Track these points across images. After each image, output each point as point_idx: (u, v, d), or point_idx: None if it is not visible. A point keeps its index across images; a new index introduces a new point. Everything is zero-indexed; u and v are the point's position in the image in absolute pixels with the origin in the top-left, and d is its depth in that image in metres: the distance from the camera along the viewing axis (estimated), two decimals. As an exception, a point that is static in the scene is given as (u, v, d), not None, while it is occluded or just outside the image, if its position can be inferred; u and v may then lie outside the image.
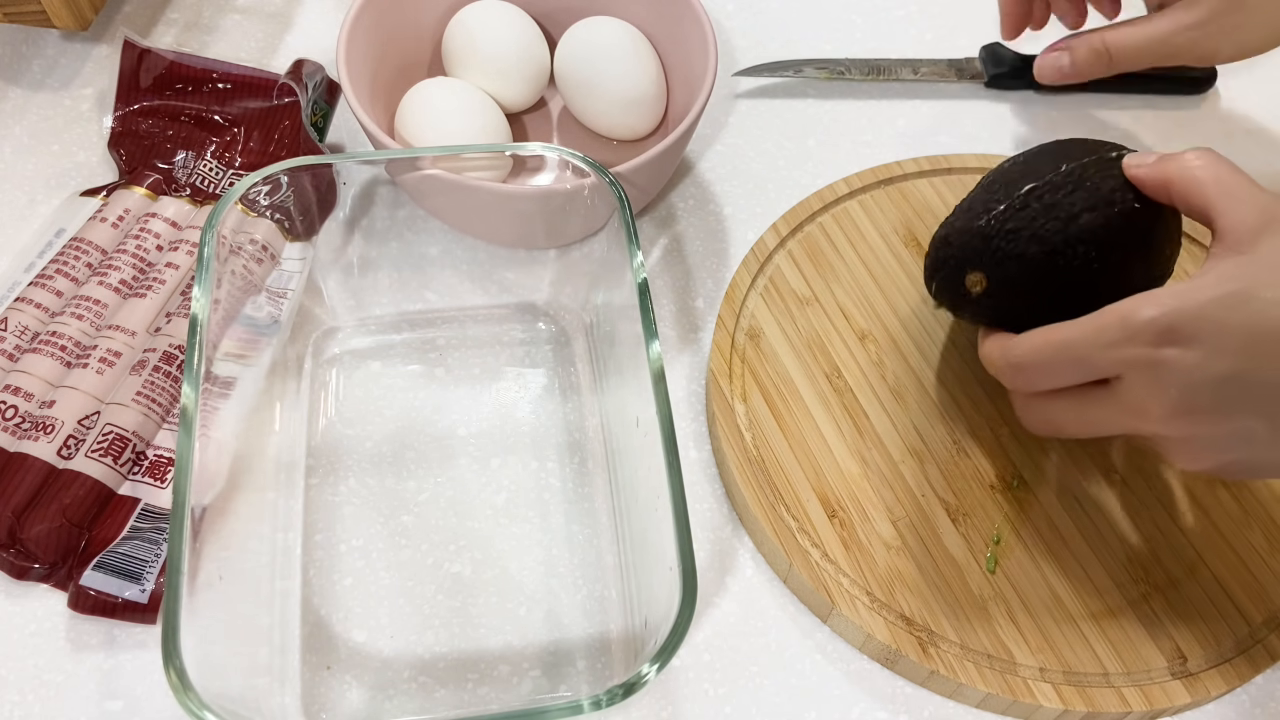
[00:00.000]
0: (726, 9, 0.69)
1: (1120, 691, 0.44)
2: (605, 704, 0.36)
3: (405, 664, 0.45)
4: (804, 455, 0.49)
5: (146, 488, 0.47)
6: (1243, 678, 0.45)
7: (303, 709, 0.43)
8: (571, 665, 0.45)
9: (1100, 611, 0.46)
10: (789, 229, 0.56)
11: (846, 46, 0.67)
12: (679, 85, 0.58)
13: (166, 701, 0.44)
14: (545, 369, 0.53)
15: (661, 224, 0.59)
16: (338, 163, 0.48)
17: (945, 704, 0.45)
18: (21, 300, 0.51)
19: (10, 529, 0.45)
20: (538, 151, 0.49)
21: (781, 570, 0.47)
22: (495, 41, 0.57)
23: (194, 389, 0.41)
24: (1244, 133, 0.65)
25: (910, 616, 0.45)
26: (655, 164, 0.52)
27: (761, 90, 0.65)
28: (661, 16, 0.58)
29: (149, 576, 0.44)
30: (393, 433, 0.50)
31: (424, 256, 0.55)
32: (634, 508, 0.46)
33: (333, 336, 0.53)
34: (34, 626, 0.45)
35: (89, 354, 0.49)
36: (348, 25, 0.54)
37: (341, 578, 0.47)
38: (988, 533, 0.47)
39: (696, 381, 0.53)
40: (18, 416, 0.47)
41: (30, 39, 0.64)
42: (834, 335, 0.53)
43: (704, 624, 0.47)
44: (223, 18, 0.66)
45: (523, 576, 0.47)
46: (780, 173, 0.61)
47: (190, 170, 0.57)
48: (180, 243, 0.53)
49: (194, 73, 0.58)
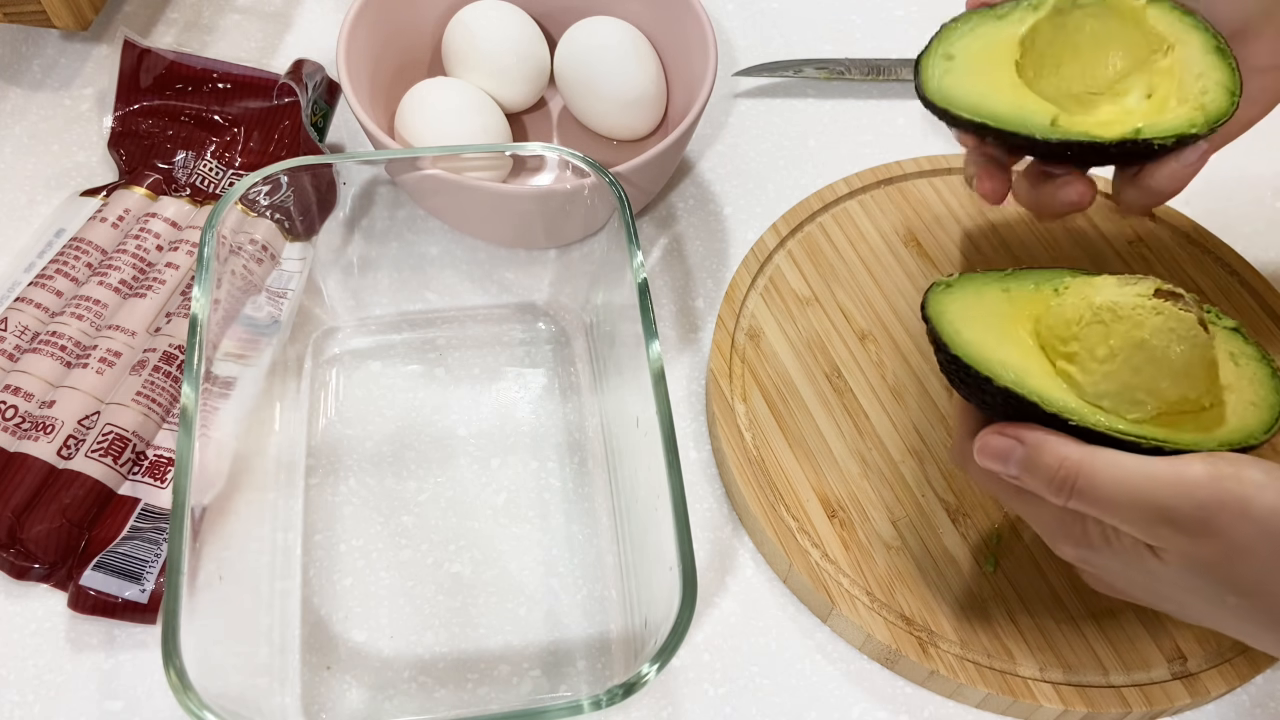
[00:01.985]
0: (726, 9, 0.69)
1: (1120, 691, 0.44)
2: (605, 704, 0.36)
3: (405, 664, 0.45)
4: (804, 455, 0.49)
5: (146, 488, 0.47)
6: (1243, 678, 0.45)
7: (303, 709, 0.43)
8: (571, 665, 0.45)
9: (1100, 611, 0.46)
10: (789, 229, 0.56)
11: (846, 46, 0.67)
12: (679, 85, 0.58)
13: (166, 701, 0.44)
14: (545, 369, 0.53)
15: (661, 224, 0.59)
16: (338, 163, 0.48)
17: (945, 704, 0.45)
18: (21, 300, 0.51)
19: (10, 529, 0.45)
20: (538, 151, 0.49)
21: (781, 570, 0.47)
22: (495, 41, 0.57)
23: (194, 389, 0.41)
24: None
25: (910, 616, 0.45)
26: (655, 164, 0.52)
27: (761, 90, 0.65)
28: (661, 16, 0.58)
29: (149, 576, 0.44)
30: (393, 433, 0.50)
31: (424, 256, 0.55)
32: (634, 508, 0.46)
33: (333, 336, 0.53)
34: (34, 626, 0.45)
35: (89, 354, 0.49)
36: (348, 25, 0.54)
37: (341, 578, 0.47)
38: (988, 533, 0.47)
39: (696, 381, 0.53)
40: (18, 416, 0.47)
41: (30, 39, 0.64)
42: (834, 335, 0.53)
43: (704, 624, 0.47)
44: (223, 18, 0.66)
45: (523, 576, 0.47)
46: (780, 173, 0.61)
47: (190, 170, 0.57)
48: (180, 243, 0.53)
49: (194, 73, 0.58)
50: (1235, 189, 0.62)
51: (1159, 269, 0.56)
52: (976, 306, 0.42)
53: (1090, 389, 0.38)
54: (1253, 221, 0.61)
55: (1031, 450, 0.37)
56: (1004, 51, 0.45)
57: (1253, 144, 0.64)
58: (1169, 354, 0.38)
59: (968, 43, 0.46)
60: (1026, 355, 0.40)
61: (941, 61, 0.46)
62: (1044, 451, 0.37)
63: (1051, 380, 0.39)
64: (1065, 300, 0.41)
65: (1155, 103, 0.45)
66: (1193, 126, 0.43)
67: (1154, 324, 0.38)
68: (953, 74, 0.45)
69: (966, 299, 0.42)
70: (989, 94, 0.44)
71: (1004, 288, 0.43)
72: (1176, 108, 0.44)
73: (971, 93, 0.45)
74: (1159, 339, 0.38)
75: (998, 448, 0.38)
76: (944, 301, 0.42)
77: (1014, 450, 0.37)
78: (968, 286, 0.42)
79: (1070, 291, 0.41)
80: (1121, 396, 0.38)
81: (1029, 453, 0.37)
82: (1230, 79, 0.44)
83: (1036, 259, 0.56)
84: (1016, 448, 0.37)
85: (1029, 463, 0.37)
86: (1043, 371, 0.39)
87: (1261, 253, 0.59)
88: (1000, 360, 0.39)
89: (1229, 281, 0.55)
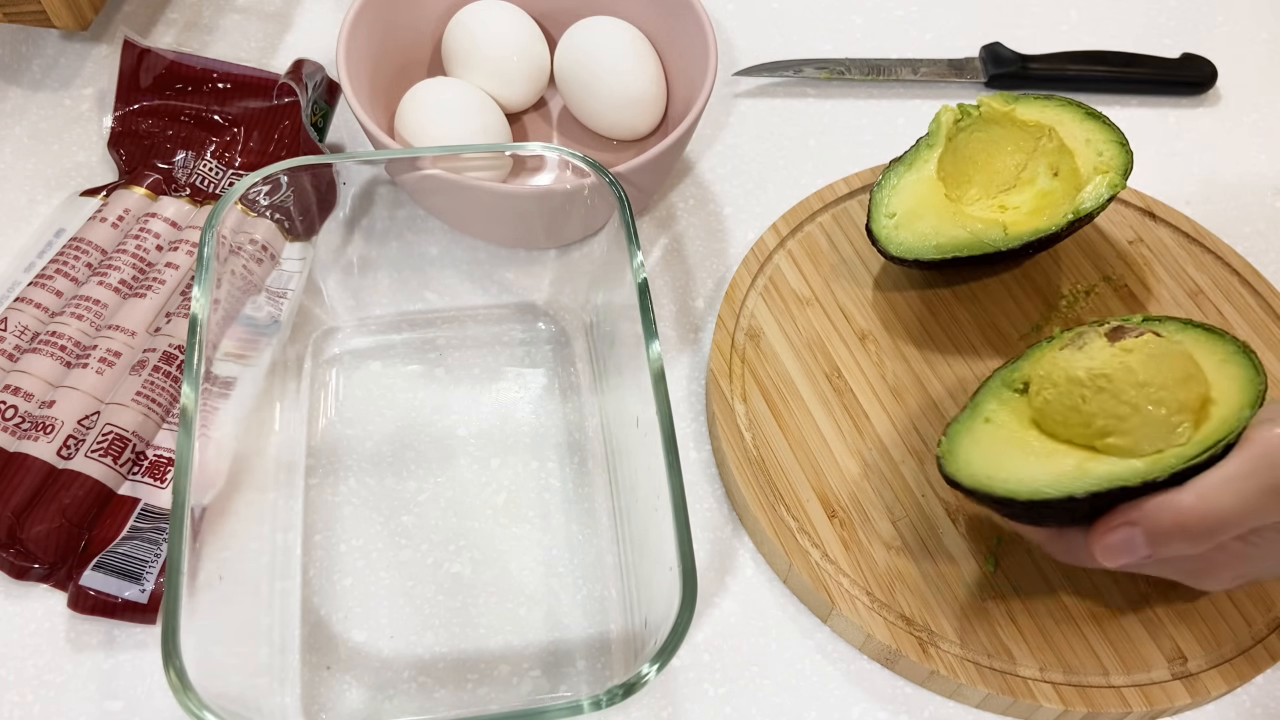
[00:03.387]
0: (726, 9, 0.69)
1: (1120, 692, 0.44)
2: (605, 704, 0.36)
3: (405, 664, 0.45)
4: (804, 455, 0.49)
5: (146, 488, 0.47)
6: (1243, 678, 0.45)
7: (303, 709, 0.43)
8: (571, 665, 0.45)
9: (1100, 611, 0.46)
10: (789, 229, 0.56)
11: (846, 46, 0.67)
12: (679, 85, 0.58)
13: (166, 701, 0.44)
14: (545, 369, 0.53)
15: (661, 224, 0.59)
16: (338, 163, 0.48)
17: (945, 704, 0.45)
18: (21, 300, 0.51)
19: (10, 529, 0.45)
20: (538, 151, 0.49)
21: (781, 570, 0.47)
22: (495, 41, 0.57)
23: (194, 389, 0.41)
24: (1244, 132, 0.65)
25: (910, 616, 0.45)
26: (655, 164, 0.52)
27: (761, 90, 0.65)
28: (661, 16, 0.58)
29: (149, 576, 0.44)
30: (393, 433, 0.50)
31: (424, 256, 0.55)
32: (634, 508, 0.46)
33: (333, 336, 0.53)
34: (34, 626, 0.45)
35: (89, 354, 0.49)
36: (348, 25, 0.54)
37: (341, 578, 0.47)
38: (988, 533, 0.47)
39: (696, 381, 0.53)
40: (18, 416, 0.47)
41: (30, 39, 0.64)
42: (834, 335, 0.53)
43: (704, 624, 0.47)
44: (223, 18, 0.66)
45: (523, 576, 0.47)
46: (780, 173, 0.61)
47: (190, 170, 0.57)
48: (180, 243, 0.53)
49: (194, 73, 0.58)
50: (1235, 189, 0.62)
51: (1159, 268, 0.56)
52: (982, 447, 0.43)
53: (1139, 446, 0.40)
54: (1253, 221, 0.61)
55: (1147, 528, 0.39)
56: (929, 190, 0.52)
57: (1253, 144, 0.64)
58: (1169, 375, 0.40)
59: (899, 199, 0.52)
60: (1064, 455, 0.41)
61: (887, 221, 0.52)
62: (1160, 520, 0.38)
63: (1106, 461, 0.40)
64: (1050, 395, 0.42)
65: (1065, 176, 0.52)
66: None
67: (1140, 360, 0.40)
68: (901, 226, 0.51)
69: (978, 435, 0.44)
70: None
71: (985, 419, 0.44)
72: (1085, 173, 0.51)
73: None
74: (1150, 370, 0.40)
75: (1119, 542, 0.39)
76: (962, 448, 0.43)
77: (1133, 536, 0.39)
78: (962, 436, 0.44)
79: (1045, 385, 0.42)
80: (1161, 433, 0.40)
81: (1146, 530, 0.39)
82: (1113, 133, 0.52)
83: (1037, 261, 0.56)
84: (1134, 533, 0.39)
85: (1154, 537, 0.39)
86: (1090, 459, 0.41)
87: (1261, 253, 0.59)
88: (1056, 475, 0.40)
89: (1229, 281, 0.55)
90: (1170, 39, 0.69)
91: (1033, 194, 0.53)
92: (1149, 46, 0.67)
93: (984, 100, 0.54)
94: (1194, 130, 0.65)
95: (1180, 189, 0.62)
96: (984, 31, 0.68)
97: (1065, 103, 0.53)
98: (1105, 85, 0.65)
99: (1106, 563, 0.40)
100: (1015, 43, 0.67)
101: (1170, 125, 0.65)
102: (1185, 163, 0.63)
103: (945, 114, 0.54)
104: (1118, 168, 0.50)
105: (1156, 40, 0.69)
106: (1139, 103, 0.66)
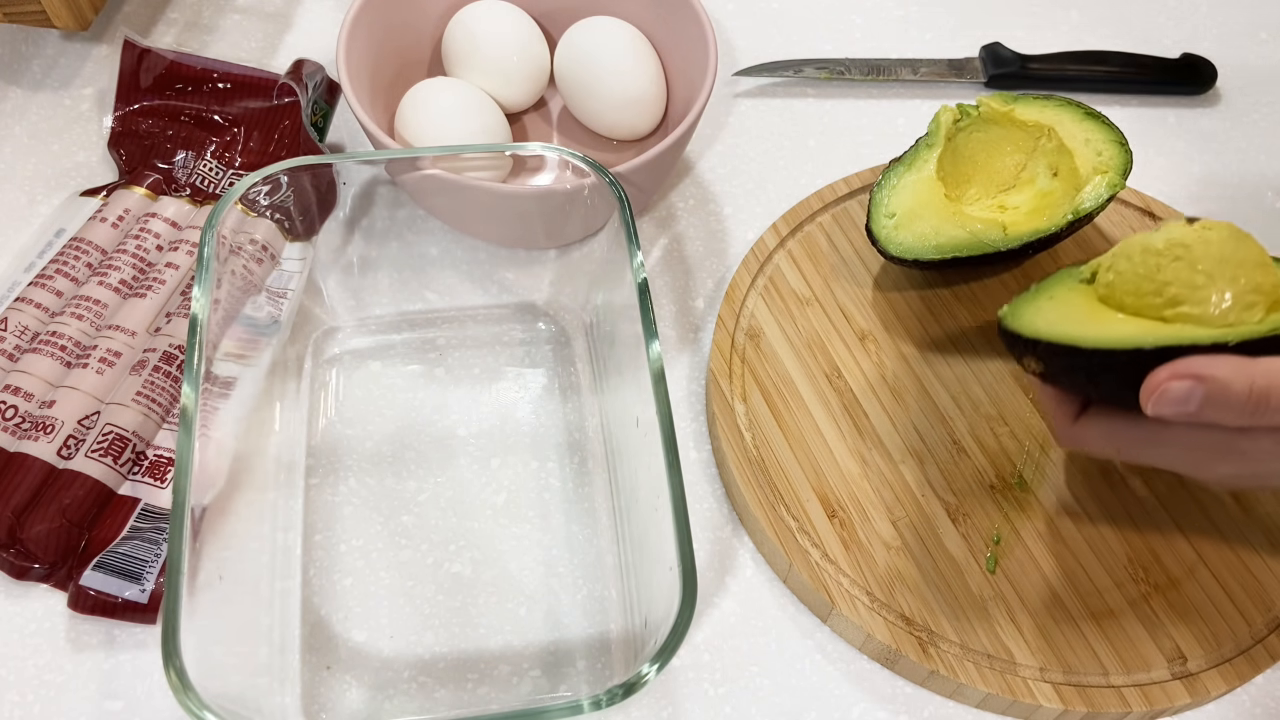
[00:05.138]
0: (726, 9, 0.69)
1: (1120, 691, 0.44)
2: (605, 704, 0.36)
3: (405, 664, 0.45)
4: (804, 455, 0.49)
5: (146, 488, 0.47)
6: (1243, 678, 0.45)
7: (303, 709, 0.43)
8: (571, 665, 0.45)
9: (1100, 611, 0.46)
10: (789, 229, 0.56)
11: (846, 46, 0.67)
12: (679, 85, 0.58)
13: (166, 701, 0.44)
14: (545, 369, 0.53)
15: (661, 224, 0.59)
16: (338, 163, 0.48)
17: (945, 704, 0.45)
18: (21, 300, 0.51)
19: (10, 529, 0.45)
20: (538, 151, 0.49)
21: (781, 570, 0.47)
22: (495, 41, 0.57)
23: (194, 389, 0.41)
24: (1244, 132, 0.65)
25: (910, 616, 0.45)
26: (655, 164, 0.52)
27: (761, 90, 0.65)
28: (661, 16, 0.58)
29: (149, 576, 0.44)
30: (393, 433, 0.50)
31: (424, 256, 0.55)
32: (634, 508, 0.46)
33: (333, 336, 0.53)
34: (34, 626, 0.45)
35: (89, 354, 0.49)
36: (348, 25, 0.54)
37: (341, 578, 0.47)
38: (988, 533, 0.47)
39: (696, 381, 0.53)
40: (18, 416, 0.47)
41: (30, 39, 0.64)
42: (834, 335, 0.53)
43: (704, 624, 0.47)
44: (223, 18, 0.66)
45: (523, 576, 0.47)
46: (780, 173, 0.61)
47: (190, 170, 0.57)
48: (180, 243, 0.53)
49: (194, 73, 0.58)
50: (1235, 189, 0.62)
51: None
52: (1054, 310, 0.43)
53: (1211, 317, 0.39)
54: (1253, 221, 0.61)
55: (1214, 389, 0.37)
56: (928, 191, 0.52)
57: (1253, 144, 0.64)
58: (1245, 253, 0.40)
59: (899, 199, 0.52)
60: (1133, 321, 0.41)
61: (887, 221, 0.52)
62: (1232, 384, 0.37)
63: (1175, 328, 0.40)
64: (1123, 267, 0.42)
65: (1064, 176, 0.52)
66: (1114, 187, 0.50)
67: (1219, 237, 0.40)
68: (901, 226, 0.52)
69: (1041, 305, 0.43)
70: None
71: (1049, 297, 0.44)
72: (1084, 173, 0.51)
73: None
74: (1229, 247, 0.40)
75: (1181, 393, 0.38)
76: (1026, 313, 0.43)
77: (1194, 392, 0.38)
78: (1025, 305, 0.44)
79: (1118, 259, 0.42)
80: (1234, 308, 0.39)
81: (1211, 388, 0.37)
82: (1112, 133, 0.52)
83: (1037, 261, 0.56)
84: (1197, 389, 0.38)
85: (1214, 399, 0.37)
86: (1159, 325, 0.40)
87: (1261, 253, 0.59)
88: (1125, 333, 0.40)
89: (1229, 281, 0.55)
90: (1170, 39, 0.69)
91: (1032, 194, 0.53)
92: (1149, 46, 0.67)
93: (983, 100, 0.54)
94: (1194, 130, 0.65)
95: (1180, 189, 0.62)
96: (984, 31, 0.68)
97: (1065, 103, 0.54)
98: (1105, 85, 0.65)
99: (1154, 409, 0.38)
100: (1015, 43, 0.67)
101: (1170, 125, 0.65)
102: (1185, 163, 0.63)
103: (945, 114, 0.54)
104: (1117, 168, 0.51)
105: (1156, 40, 0.69)
106: (1139, 103, 0.66)
